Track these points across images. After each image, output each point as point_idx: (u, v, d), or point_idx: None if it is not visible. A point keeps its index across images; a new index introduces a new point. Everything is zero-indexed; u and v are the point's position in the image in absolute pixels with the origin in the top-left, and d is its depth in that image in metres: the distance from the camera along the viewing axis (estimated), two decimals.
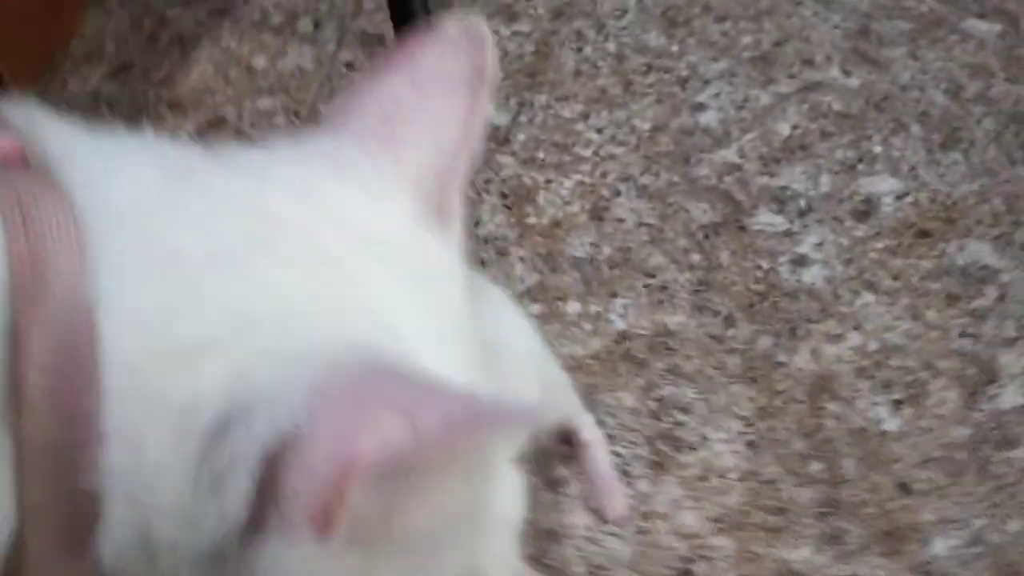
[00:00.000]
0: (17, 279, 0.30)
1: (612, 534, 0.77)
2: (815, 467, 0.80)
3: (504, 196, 0.99)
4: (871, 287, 0.90)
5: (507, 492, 0.36)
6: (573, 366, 0.86)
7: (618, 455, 0.81)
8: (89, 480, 0.30)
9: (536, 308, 0.90)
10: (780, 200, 0.97)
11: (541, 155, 1.02)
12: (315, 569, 0.30)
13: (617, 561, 0.76)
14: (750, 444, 0.82)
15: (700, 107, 1.05)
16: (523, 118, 1.05)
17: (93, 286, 0.30)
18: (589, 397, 0.83)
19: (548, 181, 1.00)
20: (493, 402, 0.30)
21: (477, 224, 0.97)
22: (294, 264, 0.33)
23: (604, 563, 0.76)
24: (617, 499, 0.78)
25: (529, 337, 0.74)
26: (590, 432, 0.80)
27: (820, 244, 0.93)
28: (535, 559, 0.75)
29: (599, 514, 0.78)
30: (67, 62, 1.12)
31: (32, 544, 0.31)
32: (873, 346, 0.86)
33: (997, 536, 0.75)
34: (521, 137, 1.04)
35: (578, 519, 0.78)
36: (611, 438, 0.82)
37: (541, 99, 1.07)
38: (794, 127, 1.02)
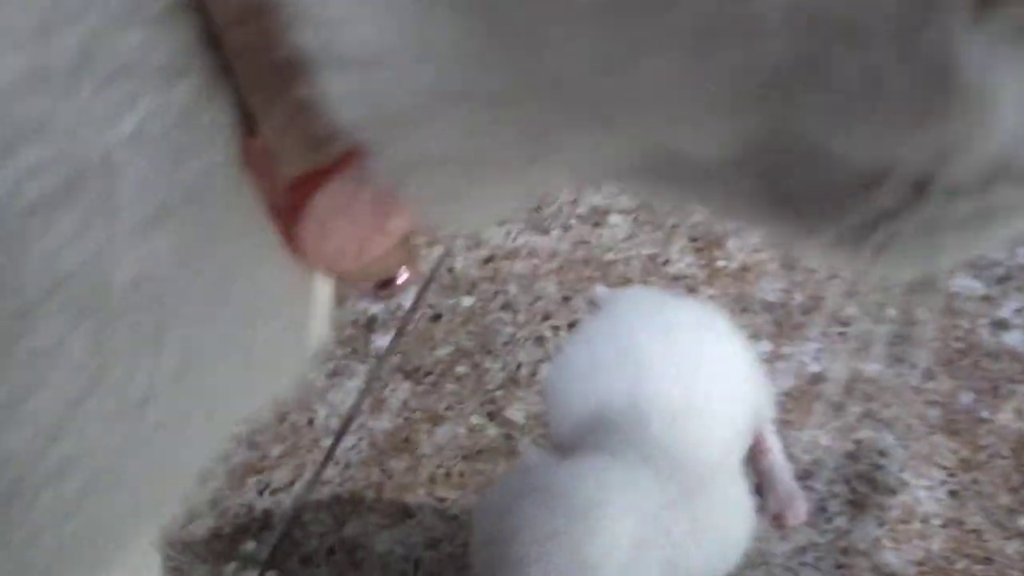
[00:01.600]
0: None
1: (811, 566, 0.75)
2: (1023, 522, 0.77)
3: (693, 240, 1.01)
4: None
5: None
6: None
7: (814, 490, 0.80)
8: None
9: None
10: (977, 267, 0.96)
11: None
12: None
13: None
14: (953, 493, 0.79)
15: None
16: None
17: None
18: (782, 432, 0.82)
19: (738, 229, 1.02)
20: None
21: (666, 263, 0.99)
22: None
23: None
24: (798, 505, 0.77)
25: (743, 346, 0.76)
26: (773, 440, 0.79)
27: (1020, 310, 0.92)
28: None
29: (779, 520, 0.76)
30: None
31: None
32: None
33: None
34: None
35: (776, 548, 0.76)
36: (808, 474, 0.81)
37: None
38: None
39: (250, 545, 0.78)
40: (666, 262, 0.99)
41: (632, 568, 0.62)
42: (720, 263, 0.99)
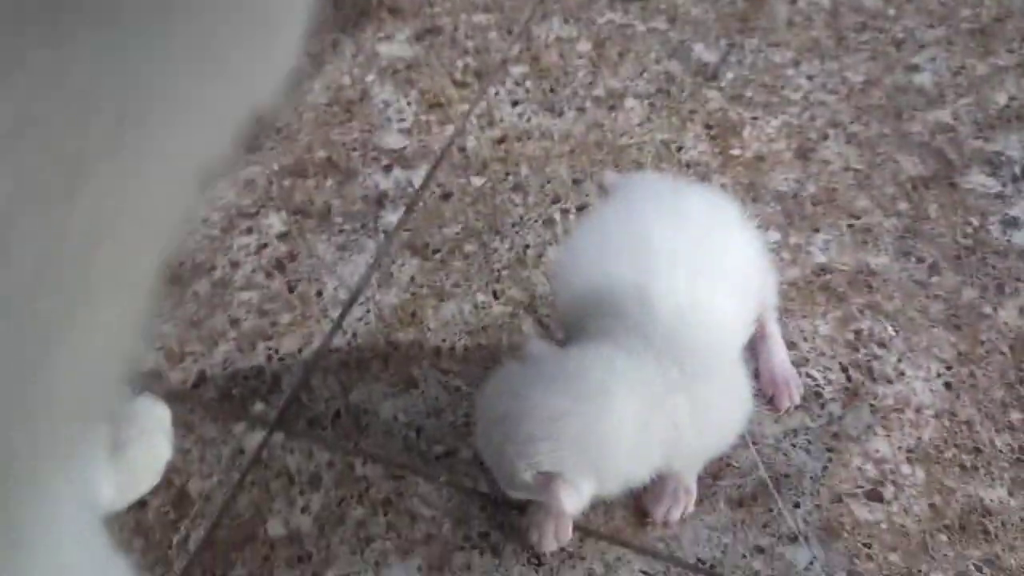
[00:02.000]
0: None
1: (801, 448, 0.77)
2: (1015, 416, 0.78)
3: (709, 127, 1.00)
4: None
5: None
6: None
7: (811, 377, 0.81)
8: None
9: None
10: (993, 164, 0.95)
11: (749, 94, 1.03)
12: None
13: (803, 473, 0.75)
14: (948, 385, 0.80)
15: (915, 68, 1.04)
16: (732, 58, 1.06)
17: None
18: (783, 320, 0.83)
19: (754, 118, 1.01)
20: None
21: (680, 149, 0.98)
22: None
23: (790, 473, 0.75)
24: (793, 390, 0.78)
25: (751, 234, 0.76)
26: (773, 326, 0.80)
27: None
28: (720, 458, 0.75)
29: (773, 403, 0.78)
30: None
31: None
32: None
33: None
34: (729, 75, 1.05)
35: (767, 429, 0.78)
36: (805, 361, 0.82)
37: (752, 42, 1.07)
38: (1011, 98, 1.00)
39: (259, 407, 0.80)
40: (680, 148, 0.98)
41: (636, 448, 0.64)
42: (735, 151, 0.98)
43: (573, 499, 0.61)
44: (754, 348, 0.80)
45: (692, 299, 0.69)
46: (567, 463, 0.62)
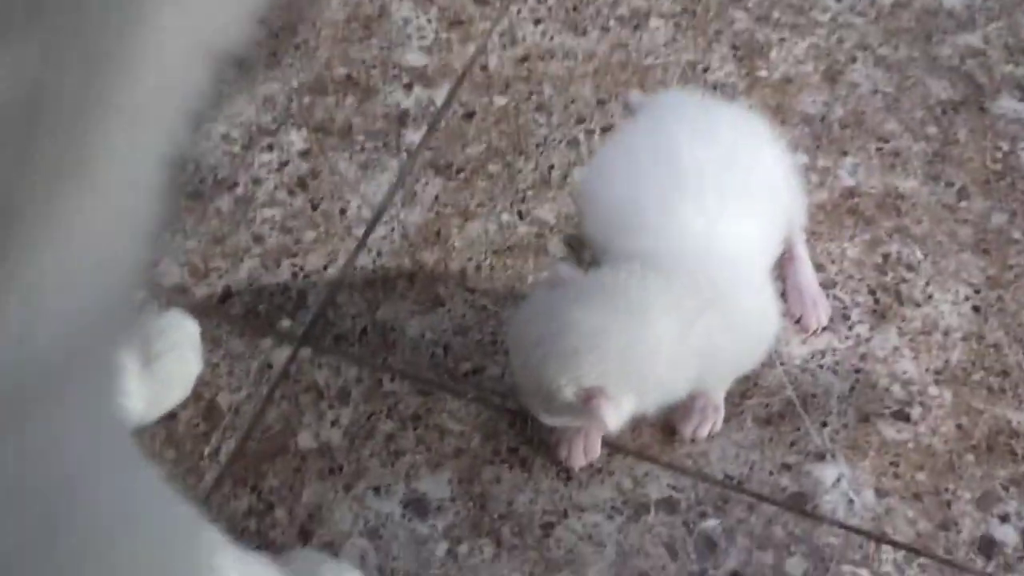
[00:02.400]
0: None
1: (828, 368, 0.77)
2: None
3: (735, 48, 0.99)
4: None
5: None
6: None
7: (838, 299, 0.81)
8: None
9: None
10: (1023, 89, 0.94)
11: (776, 15, 1.01)
12: None
13: (831, 393, 0.76)
14: (976, 309, 0.80)
15: None
16: None
17: None
18: (811, 243, 0.83)
19: (782, 39, 0.99)
20: None
21: (706, 70, 0.97)
22: None
23: (817, 393, 0.76)
24: (821, 310, 0.78)
25: (781, 155, 0.75)
26: (801, 248, 0.80)
27: None
28: (747, 378, 0.75)
29: (801, 324, 0.78)
30: None
31: None
32: None
33: None
34: None
35: (795, 350, 0.78)
36: (832, 283, 0.82)
37: None
38: None
39: (285, 323, 0.80)
40: (706, 69, 0.97)
41: (675, 363, 0.64)
42: (761, 73, 0.97)
43: (615, 415, 0.61)
44: (782, 270, 0.80)
45: (721, 213, 0.69)
46: (610, 377, 0.62)
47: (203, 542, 0.51)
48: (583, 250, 0.83)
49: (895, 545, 0.69)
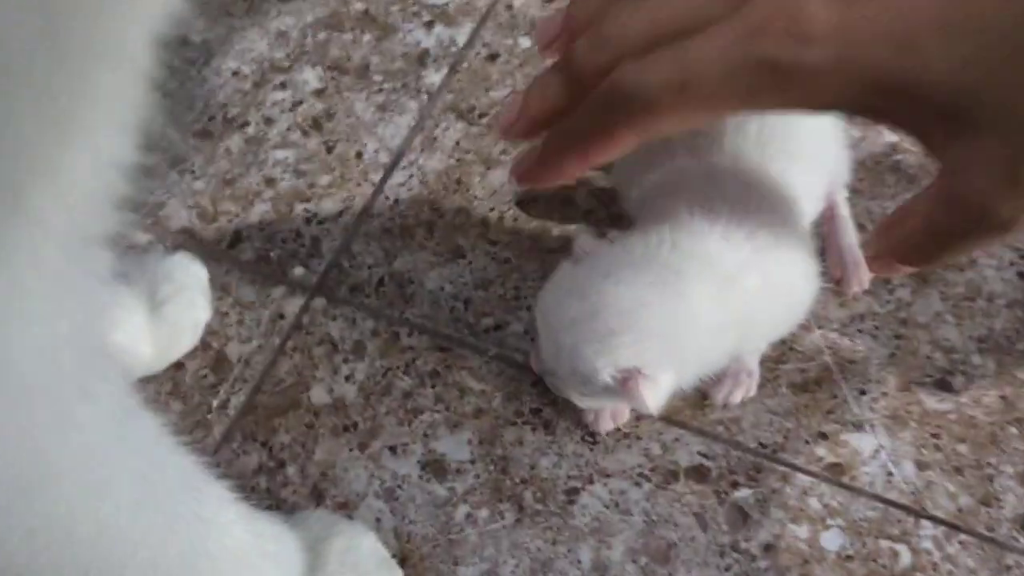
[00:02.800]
0: None
1: (867, 333, 0.73)
2: None
3: None
4: None
5: None
6: None
7: None
8: None
9: None
10: None
11: None
12: None
13: (870, 359, 0.72)
14: (1021, 275, 0.76)
15: None
16: None
17: None
18: (852, 200, 0.79)
19: None
20: None
21: None
22: None
23: (856, 359, 0.72)
24: (862, 272, 0.75)
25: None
26: (844, 206, 0.76)
27: None
28: (783, 342, 0.72)
29: (842, 285, 0.74)
30: None
31: None
32: None
33: None
34: None
35: (833, 313, 0.74)
36: None
37: None
38: None
39: (298, 271, 0.76)
40: None
41: (713, 329, 0.61)
42: None
43: (654, 395, 0.58)
44: (822, 229, 0.76)
45: (761, 170, 0.65)
46: (648, 355, 0.58)
47: (208, 497, 0.48)
48: (611, 203, 0.79)
49: (935, 520, 0.66)
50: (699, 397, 0.70)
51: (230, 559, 0.48)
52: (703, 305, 0.60)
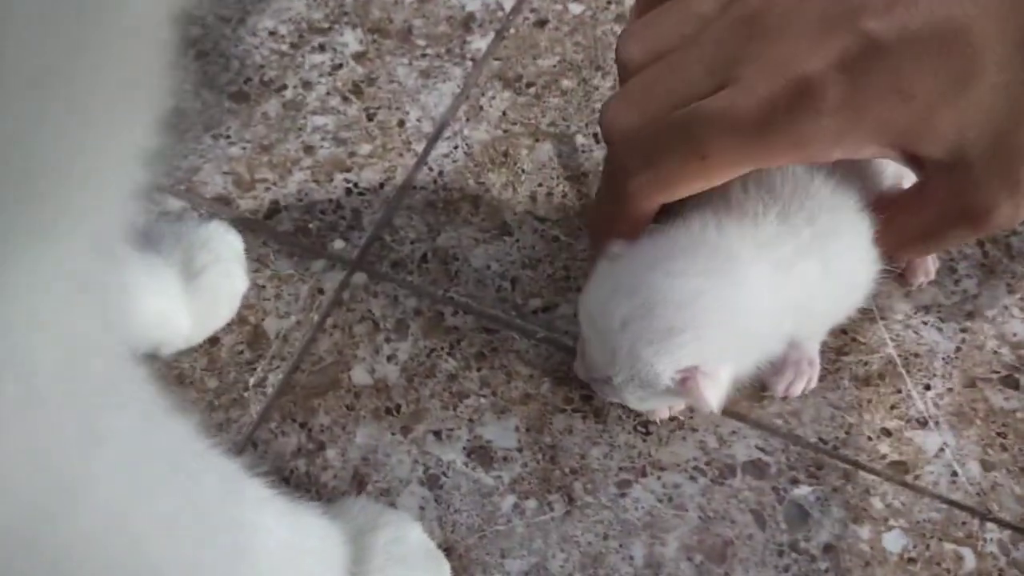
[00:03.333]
0: None
1: (932, 326, 0.70)
2: None
3: None
4: None
5: None
6: None
7: (945, 251, 0.73)
8: None
9: None
10: None
11: None
12: None
13: (935, 353, 0.69)
14: None
15: None
16: None
17: None
18: None
19: None
20: None
21: None
22: None
23: (919, 352, 0.69)
24: (928, 262, 0.71)
25: None
26: None
27: None
28: (844, 332, 0.68)
29: (906, 275, 0.71)
30: None
31: None
32: None
33: None
34: None
35: (896, 304, 0.71)
36: None
37: None
38: None
39: (338, 244, 0.73)
40: None
41: (771, 314, 0.58)
42: None
43: (716, 392, 0.55)
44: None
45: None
46: (708, 351, 0.55)
47: (246, 499, 0.45)
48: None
49: (1001, 523, 0.63)
50: (757, 389, 0.67)
51: (272, 560, 0.45)
52: (760, 290, 0.57)
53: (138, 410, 0.35)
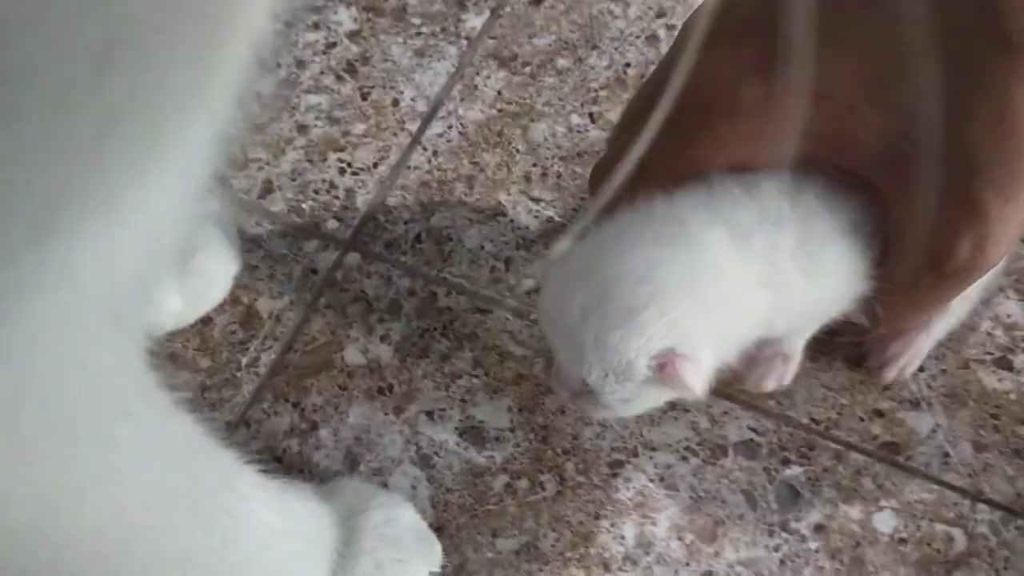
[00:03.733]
0: None
1: None
2: None
3: None
4: None
5: None
6: None
7: None
8: None
9: None
10: None
11: None
12: None
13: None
14: None
15: None
16: None
17: None
18: None
19: None
20: None
21: None
22: None
23: None
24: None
25: None
26: None
27: None
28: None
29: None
30: None
31: None
32: None
33: None
34: None
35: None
36: None
37: None
38: None
39: (332, 224, 0.72)
40: None
41: (741, 290, 0.53)
42: None
43: (696, 376, 0.50)
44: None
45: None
46: (680, 330, 0.50)
47: (240, 489, 0.45)
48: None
49: (992, 504, 0.63)
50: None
51: (259, 544, 0.45)
52: (723, 257, 0.52)
53: (148, 417, 0.36)
